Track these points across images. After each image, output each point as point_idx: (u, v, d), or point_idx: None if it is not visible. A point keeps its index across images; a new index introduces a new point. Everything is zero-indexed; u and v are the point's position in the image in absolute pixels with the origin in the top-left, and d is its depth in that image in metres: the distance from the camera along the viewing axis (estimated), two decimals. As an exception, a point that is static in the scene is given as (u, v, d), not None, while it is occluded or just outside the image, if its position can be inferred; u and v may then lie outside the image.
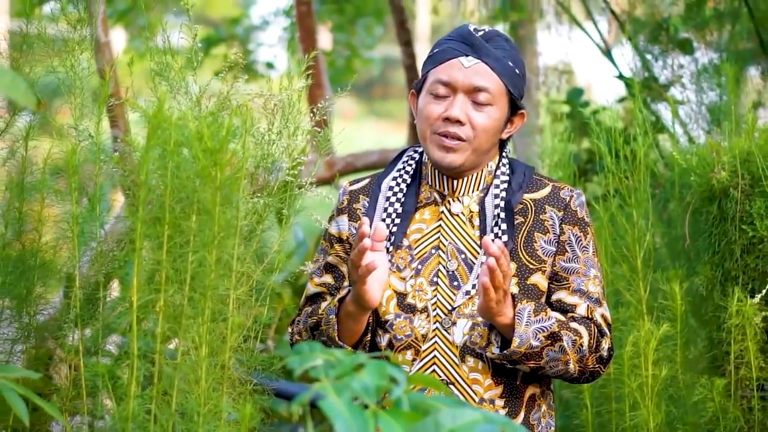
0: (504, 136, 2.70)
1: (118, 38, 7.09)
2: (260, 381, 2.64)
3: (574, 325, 2.61)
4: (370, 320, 2.64)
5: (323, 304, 2.68)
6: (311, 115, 2.83)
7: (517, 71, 2.66)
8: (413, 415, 1.54)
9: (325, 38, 7.80)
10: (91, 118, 2.88)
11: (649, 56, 4.91)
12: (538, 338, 2.54)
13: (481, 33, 2.66)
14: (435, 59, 2.67)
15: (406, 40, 5.87)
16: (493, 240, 2.48)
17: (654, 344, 3.18)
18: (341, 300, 2.63)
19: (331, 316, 2.62)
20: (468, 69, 2.62)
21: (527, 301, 2.57)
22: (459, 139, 2.62)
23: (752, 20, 4.61)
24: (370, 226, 2.53)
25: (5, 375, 1.98)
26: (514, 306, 2.54)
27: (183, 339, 2.48)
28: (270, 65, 7.19)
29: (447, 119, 2.61)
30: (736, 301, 3.19)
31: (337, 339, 2.62)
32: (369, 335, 2.65)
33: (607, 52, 5.20)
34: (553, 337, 2.56)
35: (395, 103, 17.47)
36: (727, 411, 3.23)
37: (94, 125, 2.88)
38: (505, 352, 2.56)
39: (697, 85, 4.73)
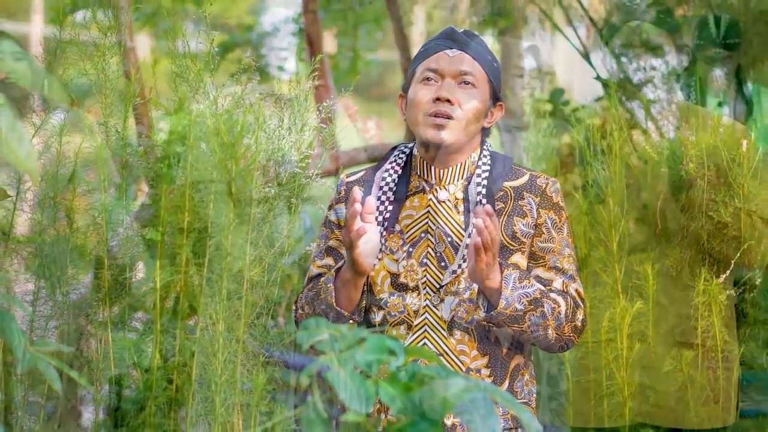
0: (486, 124, 2.71)
1: (142, 43, 7.07)
2: (272, 354, 2.64)
3: (553, 295, 2.61)
4: (365, 288, 2.63)
5: (321, 279, 2.68)
6: (317, 112, 2.83)
7: (495, 64, 2.71)
8: (410, 384, 1.53)
9: (330, 43, 7.78)
10: (119, 116, 2.88)
11: (624, 59, 4.90)
12: (522, 302, 2.55)
13: (461, 31, 2.71)
14: (421, 56, 2.71)
15: (403, 45, 5.86)
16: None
17: (628, 320, 3.19)
18: (338, 271, 2.63)
19: (329, 285, 2.62)
20: (453, 58, 2.66)
21: (513, 269, 2.58)
22: (449, 117, 2.63)
23: (717, 27, 4.60)
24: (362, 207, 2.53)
25: (41, 349, 1.98)
26: (501, 272, 2.55)
27: (202, 316, 2.49)
28: (280, 68, 7.17)
29: (437, 99, 2.63)
30: (702, 281, 3.20)
31: (334, 305, 2.60)
32: (365, 302, 2.64)
33: (586, 56, 5.19)
34: (536, 303, 2.56)
35: (393, 104, 17.44)
36: (694, 380, 3.23)
37: (121, 122, 2.88)
38: (491, 313, 2.56)
39: (668, 85, 4.73)
